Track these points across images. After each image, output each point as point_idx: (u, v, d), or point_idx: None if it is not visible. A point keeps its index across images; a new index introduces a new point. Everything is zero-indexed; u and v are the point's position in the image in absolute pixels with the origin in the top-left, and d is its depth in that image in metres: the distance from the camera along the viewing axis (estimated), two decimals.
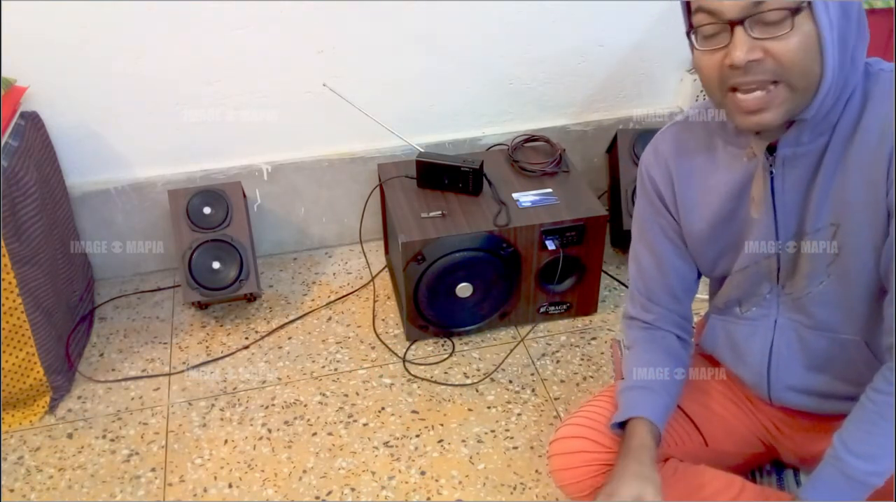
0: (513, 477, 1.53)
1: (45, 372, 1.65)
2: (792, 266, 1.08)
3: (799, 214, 1.04)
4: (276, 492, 1.52)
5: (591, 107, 2.17)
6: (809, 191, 1.01)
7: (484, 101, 2.08)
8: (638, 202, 1.23)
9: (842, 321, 1.07)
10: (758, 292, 1.14)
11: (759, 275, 1.12)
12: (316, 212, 2.15)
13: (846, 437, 1.02)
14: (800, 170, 1.01)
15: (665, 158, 1.15)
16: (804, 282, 1.07)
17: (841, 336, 1.09)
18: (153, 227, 2.05)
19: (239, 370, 1.81)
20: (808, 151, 0.99)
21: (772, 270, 1.10)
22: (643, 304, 1.26)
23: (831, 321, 1.08)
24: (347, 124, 2.01)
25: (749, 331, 1.18)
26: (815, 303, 1.08)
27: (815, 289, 1.06)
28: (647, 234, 1.22)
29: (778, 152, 1.01)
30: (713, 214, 1.11)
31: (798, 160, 1.01)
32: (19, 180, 1.59)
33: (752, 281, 1.13)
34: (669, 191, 1.16)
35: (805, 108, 0.94)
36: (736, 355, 1.22)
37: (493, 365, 1.80)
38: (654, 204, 1.19)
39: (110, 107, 1.88)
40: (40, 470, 1.58)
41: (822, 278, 1.05)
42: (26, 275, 1.58)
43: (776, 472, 1.36)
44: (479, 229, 1.73)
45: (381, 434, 1.64)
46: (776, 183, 1.03)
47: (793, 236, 1.06)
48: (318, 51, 1.91)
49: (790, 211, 1.04)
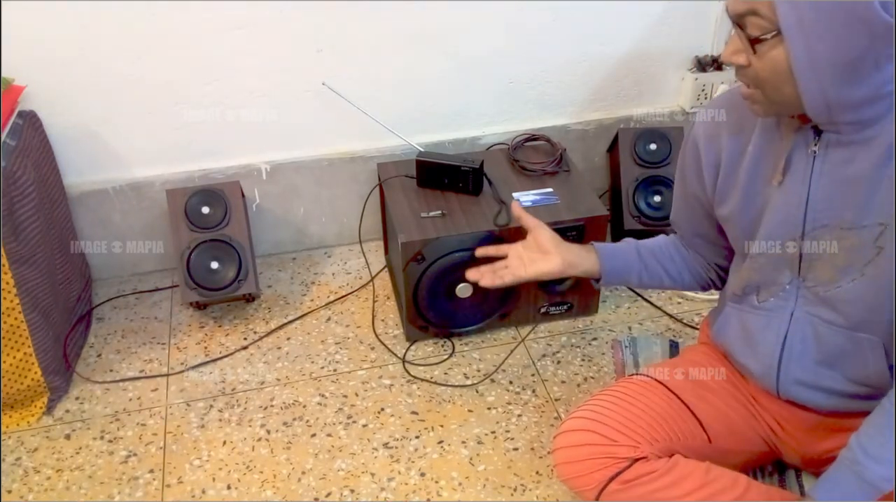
0: (513, 479, 1.52)
1: (43, 372, 1.65)
2: (819, 257, 1.07)
3: (837, 204, 1.02)
4: (274, 494, 1.51)
5: (592, 106, 2.16)
6: (853, 183, 1.00)
7: (484, 101, 2.08)
8: (680, 157, 1.27)
9: (865, 319, 1.07)
10: (778, 281, 1.13)
11: (780, 260, 1.11)
12: (315, 212, 2.15)
13: (864, 441, 1.01)
14: (844, 157, 1.00)
15: (715, 128, 1.17)
16: (835, 276, 1.06)
17: (859, 334, 1.08)
18: (151, 227, 2.05)
19: (237, 371, 1.80)
20: (851, 141, 0.99)
21: (794, 257, 1.09)
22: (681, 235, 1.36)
23: (854, 319, 1.07)
24: (347, 124, 2.00)
25: (764, 321, 1.17)
26: (841, 300, 1.07)
27: (847, 285, 1.05)
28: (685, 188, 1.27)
29: (823, 135, 1.01)
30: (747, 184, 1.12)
31: (843, 147, 1.00)
32: (17, 180, 1.59)
33: (773, 266, 1.12)
34: (714, 160, 1.17)
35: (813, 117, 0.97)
36: (748, 345, 1.21)
37: (494, 365, 1.79)
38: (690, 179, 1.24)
39: (109, 106, 1.87)
40: (38, 472, 1.57)
41: (856, 275, 1.04)
42: (24, 275, 1.57)
43: (778, 472, 1.36)
44: (479, 229, 1.72)
45: (381, 435, 1.63)
46: (816, 163, 1.02)
47: (825, 226, 1.04)
48: (318, 50, 1.90)
49: (825, 197, 1.03)
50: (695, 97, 2.14)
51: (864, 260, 1.02)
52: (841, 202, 1.02)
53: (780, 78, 0.93)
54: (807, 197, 1.04)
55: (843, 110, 0.94)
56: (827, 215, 1.04)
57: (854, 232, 1.02)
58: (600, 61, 2.08)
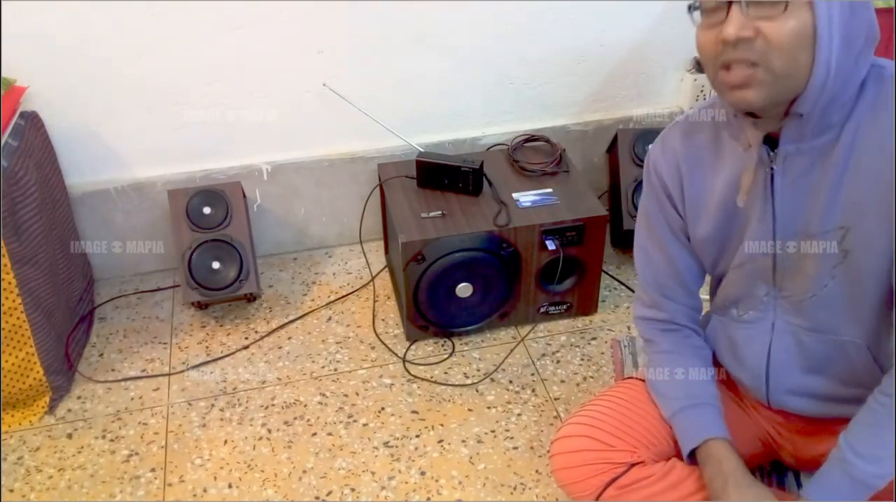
0: (513, 478, 1.53)
1: (45, 372, 1.65)
2: (791, 267, 1.07)
3: (802, 214, 1.03)
4: (275, 492, 1.52)
5: (592, 106, 2.17)
6: (815, 192, 1.00)
7: (484, 101, 2.08)
8: (644, 198, 1.23)
9: (845, 323, 1.07)
10: (754, 293, 1.13)
11: (755, 273, 1.11)
12: (316, 212, 2.15)
13: (852, 439, 1.01)
14: (803, 168, 1.00)
15: (674, 152, 1.15)
16: (808, 284, 1.06)
17: (842, 338, 1.08)
18: (153, 227, 2.05)
19: (239, 370, 1.81)
20: (811, 148, 0.99)
21: (767, 269, 1.09)
22: (656, 302, 1.25)
23: (834, 324, 1.08)
24: (347, 124, 2.01)
25: (747, 334, 1.17)
26: (818, 307, 1.07)
27: (820, 292, 1.06)
28: (656, 230, 1.22)
29: (780, 148, 1.00)
30: (716, 207, 1.11)
31: (801, 157, 1.00)
32: (19, 180, 1.59)
33: (748, 280, 1.13)
34: (677, 185, 1.16)
35: (798, 101, 0.94)
36: (735, 358, 1.22)
37: (494, 365, 1.80)
38: (660, 199, 1.19)
39: (110, 106, 1.88)
40: (40, 471, 1.58)
41: (827, 281, 1.04)
42: (26, 275, 1.58)
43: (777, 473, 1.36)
44: (479, 229, 1.73)
45: (381, 434, 1.63)
46: (776, 179, 1.03)
47: (793, 236, 1.05)
48: (318, 51, 1.91)
49: (791, 209, 1.03)
50: (694, 98, 2.15)
51: (831, 263, 1.02)
52: (806, 211, 1.02)
53: (801, 42, 0.90)
54: (772, 213, 1.05)
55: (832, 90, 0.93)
56: (794, 225, 1.04)
57: (819, 238, 1.02)
58: (600, 62, 2.09)
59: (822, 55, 0.90)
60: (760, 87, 0.92)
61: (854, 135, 0.96)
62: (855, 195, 0.98)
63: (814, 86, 0.92)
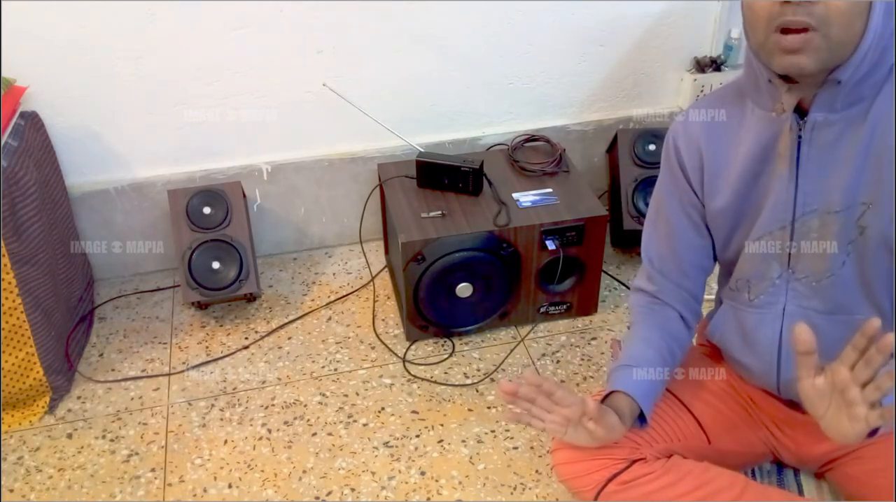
0: (513, 478, 1.53)
1: (45, 372, 1.65)
2: (808, 244, 1.07)
3: (825, 188, 1.03)
4: (275, 492, 1.52)
5: (591, 107, 2.17)
6: (840, 165, 1.00)
7: (484, 101, 2.08)
8: (660, 174, 1.24)
9: (859, 302, 1.07)
10: (767, 275, 1.13)
11: (770, 249, 1.11)
12: (316, 212, 2.15)
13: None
14: (829, 141, 1.00)
15: (696, 130, 1.15)
16: (825, 264, 1.06)
17: (856, 317, 1.07)
18: (153, 227, 2.05)
19: (239, 370, 1.81)
20: (841, 118, 0.99)
21: (784, 245, 1.09)
22: (650, 275, 1.27)
23: (850, 303, 1.08)
24: (347, 124, 2.01)
25: (758, 319, 1.17)
26: (836, 286, 1.07)
27: (838, 271, 1.06)
28: (664, 205, 1.22)
29: (809, 116, 1.01)
30: (737, 178, 1.11)
31: (829, 129, 1.00)
32: (19, 180, 1.59)
33: (762, 258, 1.12)
34: (696, 160, 1.16)
35: (841, 67, 0.94)
36: (745, 344, 1.21)
37: (494, 365, 1.80)
38: (675, 175, 1.19)
39: (110, 107, 1.88)
40: (40, 471, 1.58)
41: (843, 258, 1.05)
42: (26, 275, 1.58)
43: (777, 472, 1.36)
44: (479, 229, 1.73)
45: (381, 434, 1.63)
46: (802, 149, 1.03)
47: (814, 210, 1.05)
48: (318, 51, 1.91)
49: (814, 181, 1.03)
50: (694, 98, 2.15)
51: (847, 240, 1.03)
52: (829, 184, 1.02)
53: (859, 10, 0.91)
54: (795, 182, 1.05)
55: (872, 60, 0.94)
56: (816, 199, 1.04)
57: (839, 215, 1.02)
58: (600, 62, 2.09)
59: (874, 22, 0.91)
60: (814, 53, 0.93)
61: (883, 110, 0.97)
62: (879, 171, 0.98)
63: (860, 51, 0.93)
